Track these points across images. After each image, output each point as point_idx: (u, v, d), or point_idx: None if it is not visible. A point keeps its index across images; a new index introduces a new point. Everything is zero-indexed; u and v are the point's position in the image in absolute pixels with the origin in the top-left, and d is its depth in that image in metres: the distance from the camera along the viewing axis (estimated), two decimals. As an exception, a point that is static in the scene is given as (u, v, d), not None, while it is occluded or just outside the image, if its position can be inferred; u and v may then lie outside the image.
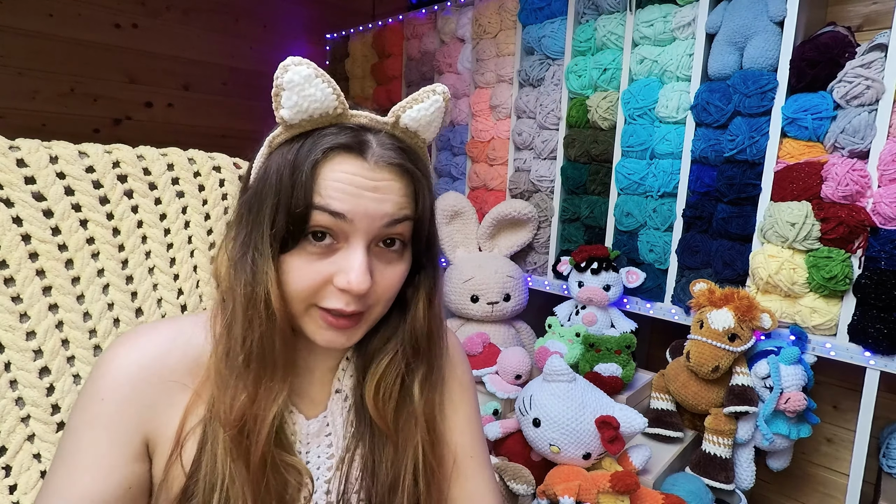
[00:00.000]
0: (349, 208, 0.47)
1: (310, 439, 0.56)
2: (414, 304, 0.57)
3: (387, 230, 0.50)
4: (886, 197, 1.07)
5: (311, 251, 0.49)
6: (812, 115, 1.14)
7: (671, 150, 1.40)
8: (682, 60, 1.36)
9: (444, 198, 1.67)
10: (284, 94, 0.47)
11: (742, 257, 1.28)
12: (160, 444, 0.50)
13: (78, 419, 0.48)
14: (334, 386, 0.59)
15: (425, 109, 0.52)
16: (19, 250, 0.57)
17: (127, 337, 0.52)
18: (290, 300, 0.50)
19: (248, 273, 0.49)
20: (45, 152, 0.61)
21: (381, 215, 0.49)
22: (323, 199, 0.47)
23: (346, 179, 0.48)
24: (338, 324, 0.50)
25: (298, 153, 0.48)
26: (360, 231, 0.48)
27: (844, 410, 1.38)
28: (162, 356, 0.50)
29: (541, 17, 1.66)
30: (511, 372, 1.31)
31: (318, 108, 0.48)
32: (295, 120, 0.48)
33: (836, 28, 1.16)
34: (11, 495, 0.54)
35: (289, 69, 0.46)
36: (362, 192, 0.48)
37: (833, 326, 1.16)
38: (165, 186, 0.70)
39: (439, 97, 0.53)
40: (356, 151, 0.49)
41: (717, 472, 1.13)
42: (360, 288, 0.48)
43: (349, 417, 0.58)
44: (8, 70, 1.87)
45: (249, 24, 2.44)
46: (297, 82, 0.46)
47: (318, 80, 0.47)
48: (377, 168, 0.49)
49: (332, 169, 0.48)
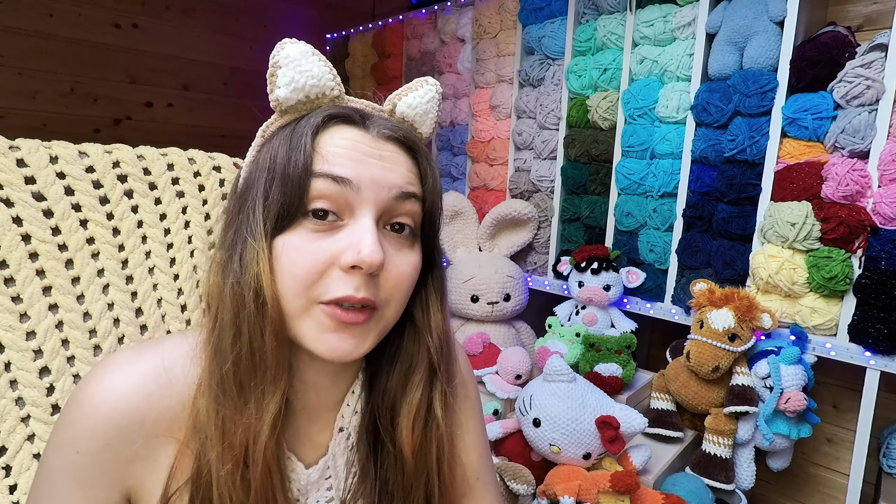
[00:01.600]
0: (354, 173, 0.43)
1: (309, 487, 0.50)
2: (430, 307, 0.52)
3: (396, 204, 0.45)
4: (886, 197, 1.07)
5: (312, 229, 0.43)
6: (812, 115, 1.14)
7: (671, 150, 1.40)
8: (682, 60, 1.36)
9: (444, 198, 1.67)
10: (280, 71, 0.45)
11: (742, 257, 1.28)
12: (144, 499, 0.45)
13: (52, 467, 0.43)
14: (337, 424, 0.52)
15: (420, 97, 0.50)
16: (19, 250, 0.57)
17: (105, 372, 0.44)
18: (286, 295, 0.43)
19: (237, 266, 0.43)
20: (45, 152, 0.61)
21: (389, 184, 0.44)
22: (326, 165, 0.43)
23: (349, 146, 0.44)
24: (347, 318, 0.43)
25: (295, 128, 0.45)
26: (367, 201, 0.43)
27: (844, 410, 1.38)
28: (143, 403, 0.43)
29: (541, 17, 1.65)
30: (511, 372, 1.31)
31: (315, 85, 0.46)
32: (291, 100, 0.46)
33: (836, 28, 1.16)
34: (11, 495, 0.54)
35: (285, 46, 0.45)
36: (367, 159, 0.44)
37: (833, 326, 1.16)
38: (165, 186, 0.70)
39: (432, 87, 0.51)
40: (358, 123, 0.46)
41: (717, 472, 1.13)
42: (374, 259, 0.41)
43: (351, 458, 0.52)
44: (8, 70, 1.87)
45: (249, 24, 2.44)
46: (294, 58, 0.45)
47: (315, 57, 0.46)
48: (381, 139, 0.46)
49: (333, 136, 0.45)
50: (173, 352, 0.46)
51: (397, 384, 0.51)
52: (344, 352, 0.44)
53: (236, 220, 0.46)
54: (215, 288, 0.45)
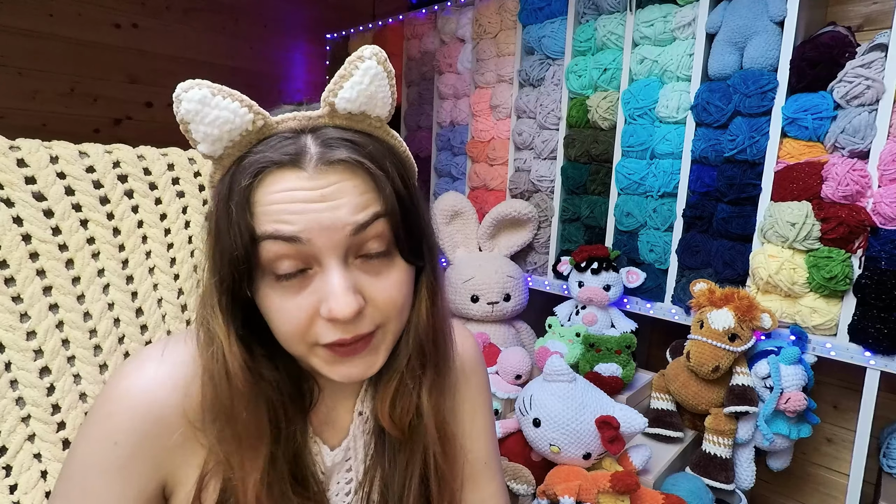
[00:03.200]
0: (301, 228, 0.40)
1: (332, 469, 0.53)
2: (416, 306, 0.50)
3: (357, 238, 0.42)
4: (886, 197, 1.07)
5: (286, 287, 0.42)
6: (812, 115, 1.14)
7: (671, 150, 1.40)
8: (682, 60, 1.36)
9: (444, 198, 1.67)
10: (191, 127, 0.40)
11: (742, 257, 1.28)
12: (180, 486, 0.46)
13: (87, 461, 0.43)
14: (357, 408, 0.55)
15: (359, 84, 0.43)
16: (20, 250, 0.57)
17: (139, 366, 0.46)
18: (286, 342, 0.44)
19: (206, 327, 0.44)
20: (46, 152, 0.61)
21: (340, 225, 0.41)
22: (270, 226, 0.40)
23: (285, 198, 0.40)
24: (347, 352, 0.43)
25: (231, 187, 0.42)
26: (325, 249, 0.41)
27: (844, 410, 1.38)
28: (180, 393, 0.45)
29: (541, 17, 1.65)
30: (511, 372, 1.31)
31: (233, 128, 0.41)
32: (217, 151, 0.42)
33: (836, 28, 1.16)
34: (12, 495, 0.54)
35: (182, 100, 0.40)
36: (310, 206, 0.40)
37: (833, 326, 1.16)
38: (166, 186, 0.70)
39: (371, 61, 0.43)
40: (289, 164, 0.41)
41: (717, 472, 1.13)
42: (346, 312, 0.40)
43: (369, 440, 0.55)
44: (8, 70, 1.87)
45: (249, 24, 2.44)
46: (196, 110, 0.40)
47: (219, 97, 0.40)
48: (319, 174, 0.41)
49: (268, 191, 0.41)
50: (192, 346, 0.47)
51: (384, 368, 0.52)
52: (357, 375, 0.45)
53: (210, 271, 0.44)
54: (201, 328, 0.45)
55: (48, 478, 0.57)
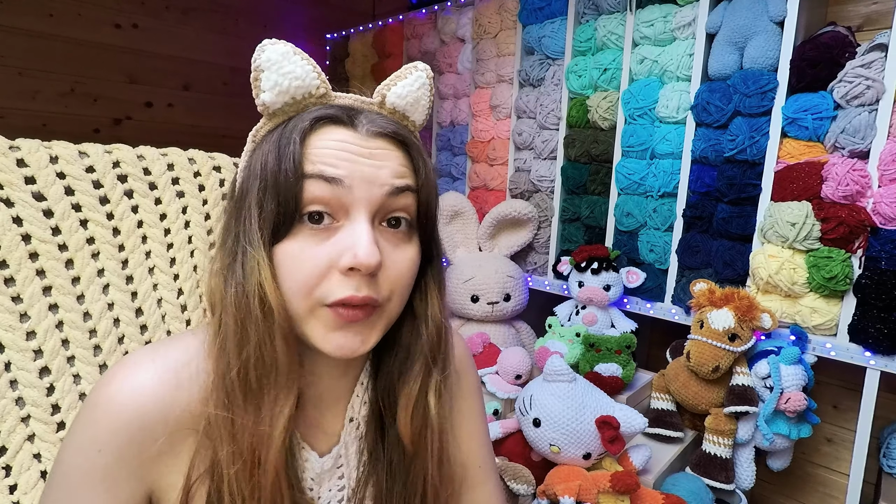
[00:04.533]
0: (346, 173, 0.43)
1: (322, 476, 0.51)
2: (428, 298, 0.52)
3: (390, 201, 0.45)
4: (887, 197, 1.07)
5: (309, 234, 0.44)
6: (812, 115, 1.14)
7: (671, 150, 1.40)
8: (682, 60, 1.36)
9: (444, 198, 1.67)
10: (263, 75, 0.44)
11: (742, 257, 1.28)
12: (167, 494, 0.45)
13: (71, 468, 0.43)
14: (348, 414, 0.53)
15: (410, 85, 0.49)
16: (19, 250, 0.57)
17: (125, 372, 0.45)
18: (290, 299, 0.44)
19: (239, 273, 0.44)
20: (45, 152, 0.61)
21: (380, 182, 0.44)
22: (315, 167, 0.43)
23: (338, 146, 0.44)
24: (350, 316, 0.44)
25: (283, 132, 0.45)
26: (360, 201, 0.44)
27: (844, 410, 1.38)
28: (168, 399, 0.44)
29: (541, 17, 1.65)
30: (511, 372, 1.31)
31: (300, 86, 0.45)
32: (277, 103, 0.45)
33: (836, 28, 1.16)
34: (11, 495, 0.54)
35: (266, 48, 0.44)
36: (357, 158, 0.44)
37: (833, 326, 1.16)
38: (165, 186, 0.70)
39: (422, 73, 0.50)
40: (346, 122, 0.46)
41: (717, 472, 1.13)
42: (370, 261, 0.42)
43: (361, 447, 0.54)
44: (8, 70, 1.87)
45: (249, 24, 2.44)
46: (275, 60, 0.44)
47: (297, 56, 0.45)
48: (370, 136, 0.46)
49: (321, 138, 0.45)
50: (190, 348, 0.47)
51: (396, 374, 0.52)
52: (350, 349, 0.45)
53: (234, 227, 0.46)
54: (217, 292, 0.46)
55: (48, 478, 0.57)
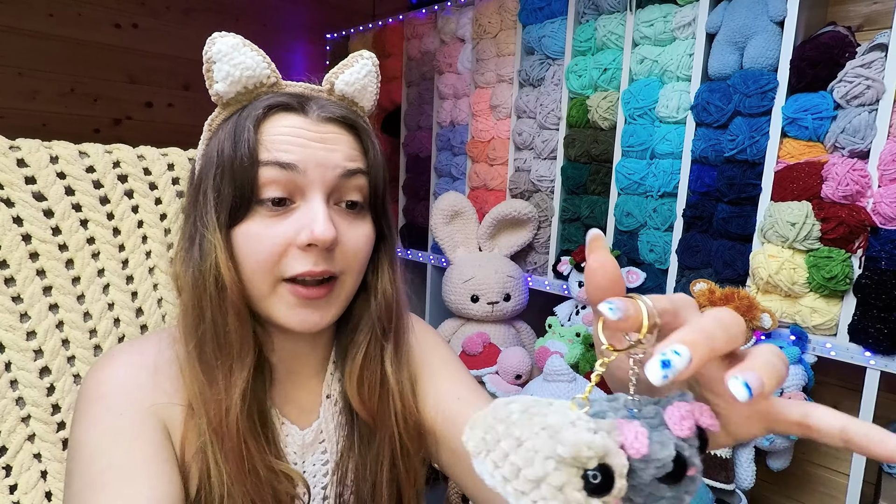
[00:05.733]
0: (299, 158, 0.46)
1: (304, 449, 0.54)
2: (380, 273, 0.55)
3: (342, 182, 0.48)
4: (887, 197, 1.07)
5: (267, 215, 0.46)
6: (812, 115, 1.14)
7: (671, 150, 1.40)
8: (682, 60, 1.36)
9: (444, 198, 1.67)
10: (215, 66, 0.46)
11: (742, 257, 1.28)
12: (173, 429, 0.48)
13: (99, 441, 0.44)
14: (324, 391, 0.57)
15: (357, 73, 0.52)
16: (20, 250, 0.57)
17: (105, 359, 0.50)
18: (251, 278, 0.47)
19: (196, 255, 0.47)
20: (46, 152, 0.61)
21: (332, 165, 0.47)
22: (270, 154, 0.46)
23: (291, 132, 0.47)
24: (309, 294, 0.47)
25: (238, 120, 0.47)
26: (314, 183, 0.47)
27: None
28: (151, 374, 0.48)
29: (541, 17, 1.65)
30: (511, 372, 1.31)
31: (252, 76, 0.47)
32: (230, 93, 0.47)
33: (836, 28, 1.16)
34: (12, 495, 0.54)
35: (216, 41, 0.46)
36: (309, 143, 0.47)
37: (833, 326, 1.16)
38: (166, 186, 0.70)
39: (367, 61, 0.53)
40: (297, 109, 0.48)
41: (717, 472, 1.13)
42: (326, 236, 0.45)
43: (340, 421, 0.57)
44: (8, 70, 1.87)
45: (249, 24, 2.44)
46: (226, 52, 0.46)
47: (247, 48, 0.47)
48: (321, 122, 0.48)
49: (274, 125, 0.47)
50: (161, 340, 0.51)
51: (347, 343, 0.55)
52: (312, 323, 0.49)
53: (193, 212, 0.48)
54: (181, 275, 0.49)
55: (48, 478, 0.57)
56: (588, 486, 0.22)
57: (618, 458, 0.22)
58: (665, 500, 0.24)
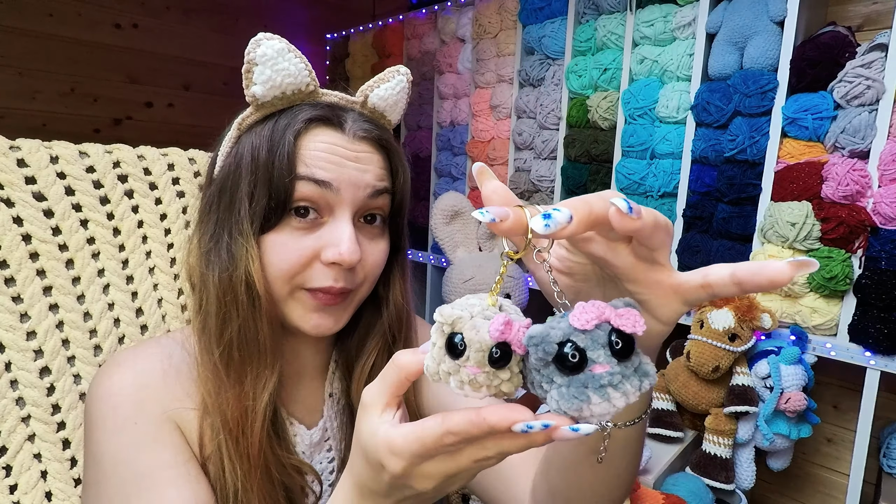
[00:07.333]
0: (334, 177, 0.46)
1: (312, 448, 0.55)
2: (391, 284, 0.56)
3: (370, 202, 0.49)
4: (887, 197, 1.07)
5: (295, 227, 0.47)
6: (812, 115, 1.14)
7: (671, 150, 1.40)
8: (682, 60, 1.36)
9: (444, 198, 1.67)
10: (257, 69, 0.46)
11: (742, 257, 1.28)
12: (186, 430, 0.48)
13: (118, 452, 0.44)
14: (326, 390, 0.57)
15: (392, 89, 0.52)
16: (20, 250, 0.57)
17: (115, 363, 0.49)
18: (272, 283, 0.47)
19: (224, 258, 0.47)
20: (46, 152, 0.61)
21: (364, 185, 0.48)
22: (308, 169, 0.46)
23: (328, 149, 0.47)
24: (327, 300, 0.48)
25: (275, 127, 0.47)
26: (345, 202, 0.47)
27: (845, 410, 1.38)
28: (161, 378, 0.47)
29: (541, 17, 1.65)
30: (511, 372, 1.31)
31: (292, 83, 0.47)
32: (267, 97, 0.47)
33: (836, 28, 1.16)
34: (12, 495, 0.54)
35: (261, 43, 0.45)
36: (345, 162, 0.47)
37: (833, 326, 1.16)
38: (166, 186, 0.70)
39: (403, 77, 0.53)
40: (335, 124, 0.48)
41: (717, 472, 1.13)
42: (353, 258, 0.46)
43: (344, 419, 0.58)
44: (8, 70, 1.87)
45: (249, 24, 2.44)
46: (270, 56, 0.45)
47: (291, 54, 0.46)
48: (356, 140, 0.49)
49: (312, 139, 0.47)
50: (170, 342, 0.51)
51: (355, 350, 0.56)
52: (326, 328, 0.50)
53: (217, 211, 0.48)
54: (196, 272, 0.49)
55: (48, 478, 0.56)
56: (448, 346, 0.27)
57: (472, 332, 0.26)
58: (562, 387, 0.25)
